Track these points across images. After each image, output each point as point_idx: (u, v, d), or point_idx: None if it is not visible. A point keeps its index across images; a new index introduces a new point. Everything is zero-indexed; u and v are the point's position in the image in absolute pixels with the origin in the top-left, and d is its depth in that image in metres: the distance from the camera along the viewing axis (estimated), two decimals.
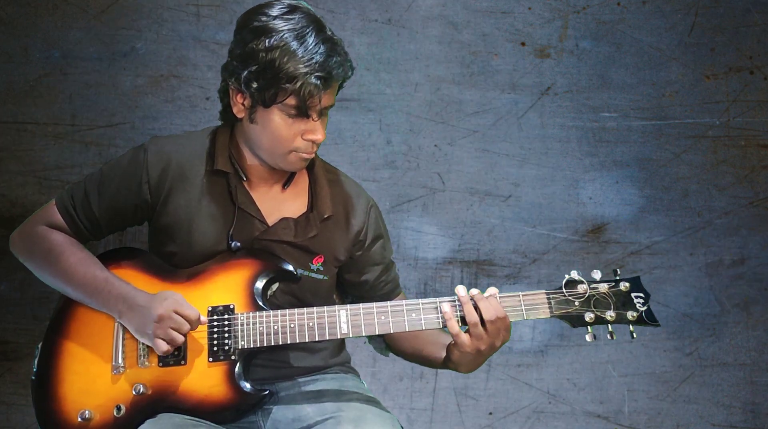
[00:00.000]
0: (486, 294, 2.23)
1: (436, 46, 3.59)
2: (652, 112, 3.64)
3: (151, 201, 2.36)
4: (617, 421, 3.62)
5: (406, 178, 3.59)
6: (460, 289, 2.22)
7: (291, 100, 2.23)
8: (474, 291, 2.23)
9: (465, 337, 2.21)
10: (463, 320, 2.21)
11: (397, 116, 3.58)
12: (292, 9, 2.27)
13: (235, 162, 2.38)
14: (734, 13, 3.65)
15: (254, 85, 2.23)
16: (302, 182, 2.45)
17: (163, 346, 2.21)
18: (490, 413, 3.60)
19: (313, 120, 2.28)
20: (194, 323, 2.23)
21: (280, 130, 2.27)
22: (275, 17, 2.24)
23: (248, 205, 2.37)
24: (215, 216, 2.35)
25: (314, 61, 2.20)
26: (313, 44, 2.22)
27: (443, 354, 2.34)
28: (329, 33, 2.28)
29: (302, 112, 2.25)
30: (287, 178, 2.42)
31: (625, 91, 3.64)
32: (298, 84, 2.20)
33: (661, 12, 3.63)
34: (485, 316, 2.19)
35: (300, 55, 2.20)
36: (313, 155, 2.35)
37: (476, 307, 2.21)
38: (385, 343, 2.54)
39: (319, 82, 2.21)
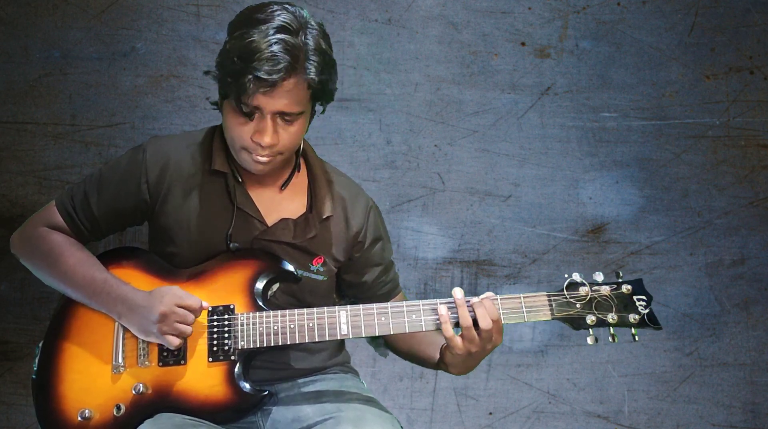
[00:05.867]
0: (482, 297, 2.23)
1: (436, 46, 3.59)
2: (652, 112, 3.64)
3: (150, 201, 2.36)
4: (617, 421, 3.62)
5: (406, 178, 3.58)
6: (457, 292, 2.22)
7: (231, 94, 2.20)
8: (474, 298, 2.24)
9: (458, 340, 2.21)
10: (458, 323, 2.21)
11: (397, 116, 3.58)
12: (273, 9, 2.21)
13: (232, 162, 2.38)
14: (734, 13, 3.65)
15: (212, 74, 2.25)
16: (301, 182, 2.45)
17: (175, 341, 2.21)
18: (490, 413, 3.60)
19: (268, 124, 2.22)
20: (197, 312, 2.23)
21: (229, 125, 2.26)
22: (250, 15, 2.21)
23: (247, 205, 2.37)
24: (214, 216, 2.35)
25: (255, 58, 2.14)
26: (265, 44, 2.15)
27: (437, 355, 2.34)
28: (299, 41, 2.18)
29: (239, 108, 2.20)
30: (285, 180, 2.42)
31: (625, 91, 3.64)
32: (233, 78, 2.17)
33: (661, 12, 3.63)
34: (480, 324, 2.19)
35: (245, 52, 2.15)
36: (268, 160, 2.27)
37: (472, 311, 2.21)
38: (384, 342, 2.55)
39: (253, 81, 2.14)
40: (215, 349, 2.26)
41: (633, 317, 2.23)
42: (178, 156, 2.37)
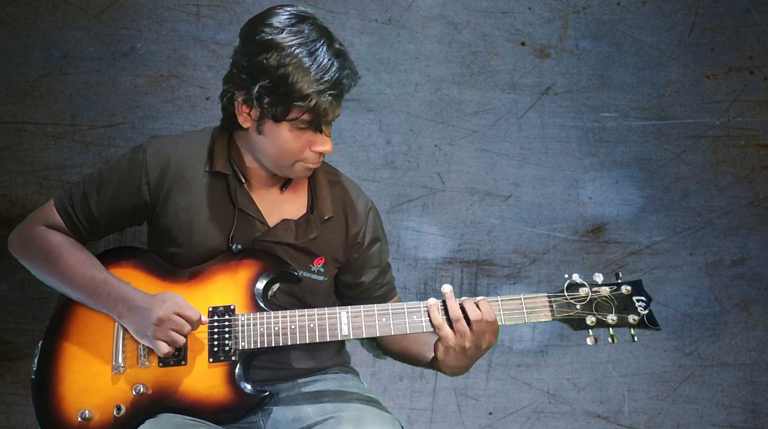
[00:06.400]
0: (479, 298, 2.24)
1: (436, 46, 3.59)
2: (652, 112, 3.64)
3: (150, 201, 2.36)
4: (617, 421, 3.62)
5: (406, 178, 3.58)
6: (445, 287, 2.24)
7: (304, 116, 2.22)
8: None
9: (448, 331, 2.21)
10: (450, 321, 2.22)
11: (397, 116, 3.58)
12: (298, 20, 2.23)
13: (234, 164, 2.37)
14: (734, 13, 3.65)
15: (265, 100, 2.21)
16: (302, 184, 2.45)
17: (164, 348, 2.21)
18: (490, 413, 3.60)
19: (324, 134, 2.28)
20: (195, 324, 2.23)
21: (288, 143, 2.27)
22: (282, 30, 2.20)
23: (248, 207, 2.37)
24: (215, 217, 2.35)
25: (327, 78, 2.19)
26: (326, 60, 2.19)
27: (431, 354, 2.34)
28: (338, 45, 2.25)
29: (315, 127, 2.24)
30: (286, 180, 2.42)
31: (625, 91, 3.64)
32: (313, 102, 2.19)
33: (661, 12, 3.63)
34: (470, 315, 2.20)
35: (313, 73, 2.18)
36: (319, 165, 2.35)
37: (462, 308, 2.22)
38: (378, 345, 2.55)
39: (332, 98, 2.20)
40: (216, 349, 2.26)
41: (632, 318, 2.24)
42: (179, 157, 2.37)
